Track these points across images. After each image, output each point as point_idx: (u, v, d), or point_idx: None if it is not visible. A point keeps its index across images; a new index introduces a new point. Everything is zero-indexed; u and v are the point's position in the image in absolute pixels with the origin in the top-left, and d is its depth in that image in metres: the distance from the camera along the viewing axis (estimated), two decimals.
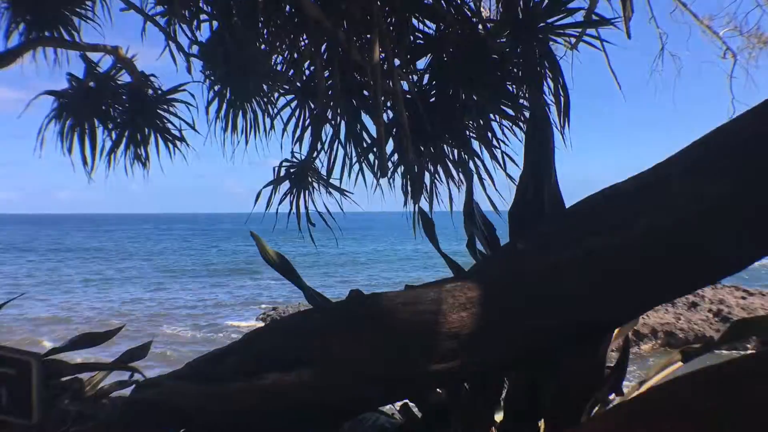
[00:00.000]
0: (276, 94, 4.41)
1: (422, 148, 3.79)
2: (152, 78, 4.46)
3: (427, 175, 3.95)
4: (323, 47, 3.24)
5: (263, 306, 31.46)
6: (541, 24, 3.35)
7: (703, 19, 6.04)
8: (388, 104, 3.88)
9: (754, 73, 6.67)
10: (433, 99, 3.82)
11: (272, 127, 4.55)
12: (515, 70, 3.60)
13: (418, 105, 3.30)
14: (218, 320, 28.76)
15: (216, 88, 4.56)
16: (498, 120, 3.63)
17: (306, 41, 3.41)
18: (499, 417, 2.36)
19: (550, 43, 3.44)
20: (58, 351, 2.24)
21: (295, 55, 3.62)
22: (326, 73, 3.73)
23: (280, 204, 3.94)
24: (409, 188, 3.72)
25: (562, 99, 3.35)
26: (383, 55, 3.14)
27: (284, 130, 4.38)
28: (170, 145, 4.70)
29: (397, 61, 3.58)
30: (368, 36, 3.36)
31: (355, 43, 3.27)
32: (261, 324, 26.37)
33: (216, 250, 76.42)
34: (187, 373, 1.94)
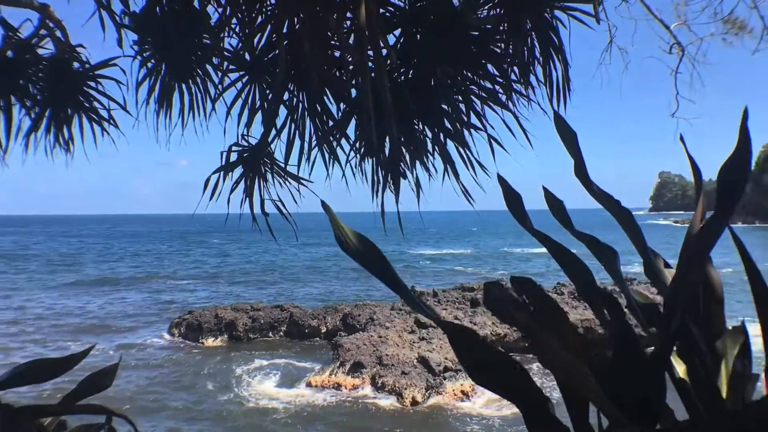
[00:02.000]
0: (220, 72, 3.93)
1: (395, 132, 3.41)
2: (80, 49, 3.88)
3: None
4: (292, 13, 2.82)
5: (177, 312, 30.31)
6: None
7: (655, 11, 5.95)
8: (354, 82, 3.51)
9: (700, 68, 6.65)
10: (402, 78, 3.47)
11: (213, 109, 4.07)
12: (497, 47, 3.28)
13: (401, 80, 2.93)
14: (131, 333, 27.45)
15: (149, 64, 4.05)
16: (480, 104, 3.30)
17: (272, 4, 2.98)
18: None
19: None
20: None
21: (256, 22, 3.16)
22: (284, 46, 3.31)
23: (231, 193, 3.46)
24: (381, 175, 3.32)
25: (558, 78, 3.05)
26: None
27: (228, 112, 3.91)
28: (96, 127, 4.14)
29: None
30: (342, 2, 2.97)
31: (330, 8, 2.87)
32: (175, 337, 25.16)
33: (124, 254, 73.76)
34: None
